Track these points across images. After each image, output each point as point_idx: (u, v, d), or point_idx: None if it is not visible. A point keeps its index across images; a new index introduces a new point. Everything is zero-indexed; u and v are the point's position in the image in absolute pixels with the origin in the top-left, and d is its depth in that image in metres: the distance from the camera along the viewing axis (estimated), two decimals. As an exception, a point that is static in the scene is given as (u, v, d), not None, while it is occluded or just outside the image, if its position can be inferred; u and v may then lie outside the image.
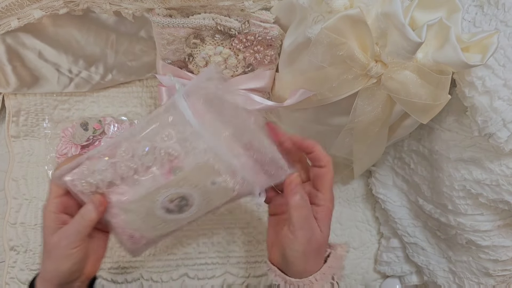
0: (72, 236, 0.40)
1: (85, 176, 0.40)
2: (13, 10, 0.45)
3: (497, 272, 0.48)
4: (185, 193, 0.41)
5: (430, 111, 0.38)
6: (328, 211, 0.40)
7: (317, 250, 0.39)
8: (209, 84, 0.38)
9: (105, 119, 0.58)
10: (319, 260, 0.40)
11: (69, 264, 0.40)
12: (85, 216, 0.40)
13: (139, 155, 0.40)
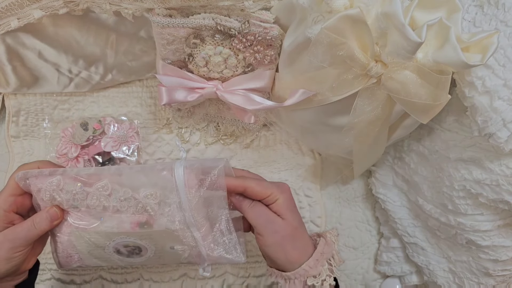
0: (18, 241, 0.39)
1: (53, 190, 0.40)
2: (13, 10, 0.45)
3: (497, 272, 0.48)
4: (141, 245, 0.43)
5: (430, 111, 0.38)
6: (282, 202, 0.42)
7: (290, 236, 0.41)
8: (213, 172, 0.40)
9: (105, 119, 0.58)
10: (300, 245, 0.42)
11: (8, 267, 0.39)
12: (37, 226, 0.39)
13: (115, 198, 0.40)
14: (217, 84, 0.50)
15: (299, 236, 0.42)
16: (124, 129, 0.58)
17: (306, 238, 0.43)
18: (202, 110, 0.57)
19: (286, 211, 0.42)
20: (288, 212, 0.42)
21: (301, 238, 0.42)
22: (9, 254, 0.39)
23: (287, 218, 0.42)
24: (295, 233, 0.42)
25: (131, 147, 0.58)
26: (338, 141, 0.48)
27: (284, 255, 0.41)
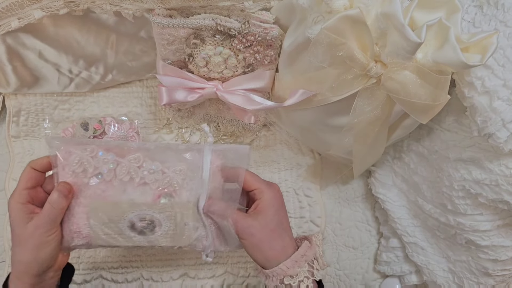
0: (47, 224, 0.41)
1: (84, 156, 0.42)
2: (14, 10, 0.45)
3: (497, 272, 0.48)
4: (157, 220, 0.44)
5: (429, 111, 0.38)
6: (266, 199, 0.44)
7: (267, 237, 0.43)
8: (234, 159, 0.44)
9: (105, 119, 0.58)
10: (278, 245, 0.43)
11: (47, 251, 0.42)
12: (55, 205, 0.41)
13: (145, 170, 0.43)
14: (217, 84, 0.50)
15: (276, 237, 0.43)
16: (125, 129, 0.58)
17: (285, 239, 0.44)
18: (202, 110, 0.58)
19: (268, 209, 0.43)
20: (270, 210, 0.44)
21: (279, 239, 0.44)
22: (43, 238, 0.42)
23: (265, 219, 0.43)
24: (272, 235, 0.43)
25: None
26: (338, 141, 0.48)
27: (261, 255, 0.44)
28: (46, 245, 0.42)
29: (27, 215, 0.42)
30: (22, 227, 0.42)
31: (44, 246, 0.42)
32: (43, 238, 0.42)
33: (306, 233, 0.60)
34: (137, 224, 0.44)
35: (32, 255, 0.41)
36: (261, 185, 0.44)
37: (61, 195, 0.42)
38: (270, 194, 0.44)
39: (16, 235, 0.42)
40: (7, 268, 0.57)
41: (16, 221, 0.42)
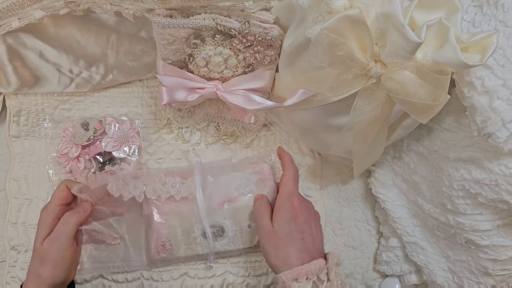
0: (62, 240, 0.44)
1: (156, 184, 0.53)
2: (14, 10, 0.45)
3: (496, 271, 0.48)
4: (224, 225, 0.53)
5: (429, 111, 0.38)
6: (278, 205, 0.46)
7: (273, 245, 0.44)
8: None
9: (106, 119, 0.58)
10: (282, 255, 0.44)
11: (64, 267, 0.44)
12: (67, 220, 0.44)
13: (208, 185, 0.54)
14: (217, 84, 0.50)
15: (282, 246, 0.44)
16: (125, 129, 0.58)
17: (291, 251, 0.44)
18: (202, 110, 0.58)
19: (279, 213, 0.46)
20: (281, 216, 0.45)
21: (284, 249, 0.44)
22: (59, 255, 0.44)
23: (276, 225, 0.45)
24: (278, 243, 0.44)
25: (132, 147, 0.58)
26: (338, 141, 0.48)
27: (267, 258, 0.45)
28: (62, 262, 0.44)
29: (50, 229, 0.44)
30: (40, 242, 0.44)
31: (60, 262, 0.43)
32: (58, 255, 0.43)
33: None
34: (207, 231, 0.52)
35: (48, 271, 0.43)
36: (285, 190, 0.47)
37: (76, 213, 0.46)
38: (283, 202, 0.46)
39: (36, 250, 0.44)
40: (7, 268, 0.57)
41: (40, 233, 0.44)
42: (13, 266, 0.57)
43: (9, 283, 0.57)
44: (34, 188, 0.59)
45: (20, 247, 0.57)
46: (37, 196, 0.59)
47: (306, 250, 0.44)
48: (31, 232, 0.58)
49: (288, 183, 0.48)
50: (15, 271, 0.57)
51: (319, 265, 0.43)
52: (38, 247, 0.44)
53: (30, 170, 0.59)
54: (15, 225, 0.58)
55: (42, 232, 0.45)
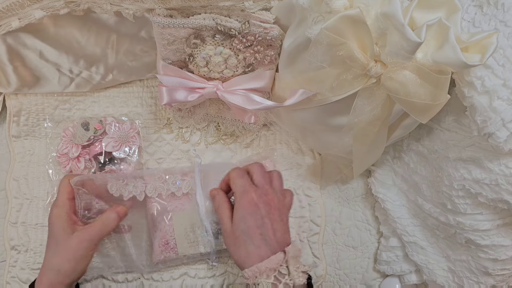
0: (93, 240, 0.44)
1: (159, 183, 0.53)
2: (14, 10, 0.45)
3: (496, 271, 0.48)
4: None
5: (429, 111, 0.38)
6: (235, 205, 0.46)
7: (232, 242, 0.45)
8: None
9: (106, 119, 0.58)
10: (242, 253, 0.44)
11: (85, 264, 0.44)
12: (108, 223, 0.45)
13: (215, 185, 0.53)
14: (218, 84, 0.50)
15: (241, 244, 0.44)
16: (125, 129, 0.58)
17: (249, 247, 0.43)
18: (202, 110, 0.58)
19: (236, 213, 0.45)
20: (236, 215, 0.45)
21: (243, 246, 0.44)
22: (86, 253, 0.44)
23: (233, 224, 0.45)
24: (236, 241, 0.44)
25: (132, 147, 0.58)
26: (338, 141, 0.48)
27: (232, 256, 0.45)
28: (85, 260, 0.44)
29: (71, 225, 0.43)
30: (66, 237, 0.43)
31: (83, 260, 0.43)
32: (85, 252, 0.43)
33: (306, 233, 0.60)
34: (212, 227, 0.53)
35: (71, 267, 0.43)
36: (236, 190, 0.46)
37: (118, 217, 0.46)
38: (239, 201, 0.45)
39: (57, 244, 0.43)
40: (7, 268, 0.57)
41: (59, 230, 0.43)
42: (13, 266, 0.57)
43: (9, 283, 0.57)
44: (34, 188, 0.59)
45: (20, 247, 0.57)
46: (37, 196, 0.59)
47: (266, 245, 0.43)
48: (31, 232, 0.58)
49: (235, 181, 0.47)
50: (15, 271, 0.57)
51: (277, 259, 0.42)
52: (63, 242, 0.43)
53: (30, 170, 0.59)
54: (15, 225, 0.58)
55: (62, 230, 0.43)
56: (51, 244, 0.43)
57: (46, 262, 0.44)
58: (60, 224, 0.43)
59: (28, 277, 0.57)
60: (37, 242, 0.58)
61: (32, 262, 0.57)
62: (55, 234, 0.43)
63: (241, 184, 0.46)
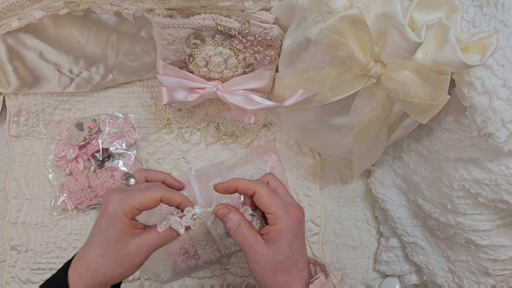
0: (153, 248, 0.39)
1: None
2: (14, 10, 0.45)
3: (496, 271, 0.48)
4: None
5: (429, 111, 0.38)
6: (278, 230, 0.38)
7: (271, 268, 0.38)
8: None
9: (100, 117, 0.58)
10: (282, 279, 0.38)
11: (134, 271, 0.39)
12: (172, 234, 0.39)
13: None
14: (217, 84, 0.50)
15: (283, 269, 0.39)
16: (120, 124, 0.58)
17: (293, 272, 0.39)
18: (202, 110, 0.58)
19: (280, 240, 0.38)
20: (282, 242, 0.38)
21: (285, 272, 0.39)
22: (142, 260, 0.39)
23: (275, 250, 0.38)
24: (278, 267, 0.38)
25: (128, 141, 0.58)
26: (338, 141, 0.48)
27: (262, 281, 0.39)
28: (136, 267, 0.39)
29: (131, 229, 0.38)
30: (123, 242, 0.38)
31: (137, 267, 0.39)
32: (142, 260, 0.39)
33: (306, 233, 0.60)
34: (222, 231, 0.51)
35: (121, 274, 0.38)
36: (277, 211, 0.38)
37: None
38: (285, 223, 0.38)
39: (110, 247, 0.37)
40: (7, 268, 0.57)
41: (118, 231, 0.37)
42: (13, 266, 0.57)
43: (9, 283, 0.57)
44: (34, 188, 0.59)
45: (20, 247, 0.57)
46: (37, 197, 0.59)
47: (306, 266, 0.41)
48: (31, 232, 0.58)
49: (272, 200, 0.39)
50: (15, 271, 0.57)
51: (322, 280, 0.40)
52: (122, 247, 0.37)
53: (30, 170, 0.59)
54: (15, 225, 0.58)
55: (119, 230, 0.37)
56: (102, 243, 0.37)
57: (91, 262, 0.37)
58: (121, 226, 0.37)
59: (28, 277, 0.57)
60: (37, 242, 0.58)
61: (32, 262, 0.57)
62: (111, 235, 0.37)
63: (281, 203, 0.39)
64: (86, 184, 0.57)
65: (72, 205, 0.57)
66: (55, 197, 0.58)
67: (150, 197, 0.38)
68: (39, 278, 0.57)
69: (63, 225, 0.58)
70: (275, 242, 0.38)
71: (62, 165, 0.57)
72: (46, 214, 0.58)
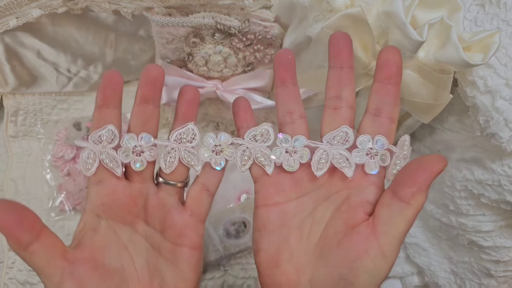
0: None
1: None
2: (12, 9, 0.45)
3: (499, 273, 0.48)
4: (245, 219, 0.50)
5: (431, 110, 0.38)
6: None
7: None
8: None
9: (97, 117, 0.58)
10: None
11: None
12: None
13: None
14: (217, 84, 0.50)
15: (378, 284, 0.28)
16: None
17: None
18: (201, 110, 0.57)
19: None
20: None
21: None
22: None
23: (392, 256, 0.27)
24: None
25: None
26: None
27: None
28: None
29: None
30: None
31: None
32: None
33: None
34: (230, 229, 0.51)
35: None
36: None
37: None
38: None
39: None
40: (5, 269, 0.57)
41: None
42: (11, 267, 0.57)
43: (7, 284, 0.57)
44: (31, 189, 0.58)
45: (18, 248, 0.57)
46: (35, 197, 0.58)
47: None
48: (28, 233, 0.57)
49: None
50: (13, 272, 0.57)
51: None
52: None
53: (28, 170, 0.59)
54: (13, 226, 0.57)
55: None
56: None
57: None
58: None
59: (26, 278, 0.57)
60: (34, 243, 0.57)
61: (29, 263, 0.57)
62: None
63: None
64: (84, 185, 0.56)
65: (70, 206, 0.57)
66: (53, 198, 0.57)
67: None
68: (36, 280, 0.57)
69: (60, 226, 0.58)
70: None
71: (60, 165, 0.57)
72: (44, 215, 0.58)
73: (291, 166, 0.30)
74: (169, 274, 0.29)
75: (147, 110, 0.31)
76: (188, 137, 0.30)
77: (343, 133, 0.29)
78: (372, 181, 0.29)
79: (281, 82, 0.32)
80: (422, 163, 0.26)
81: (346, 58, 0.31)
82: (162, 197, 0.30)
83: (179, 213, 0.30)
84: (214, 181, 0.31)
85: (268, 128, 0.30)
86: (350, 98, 0.30)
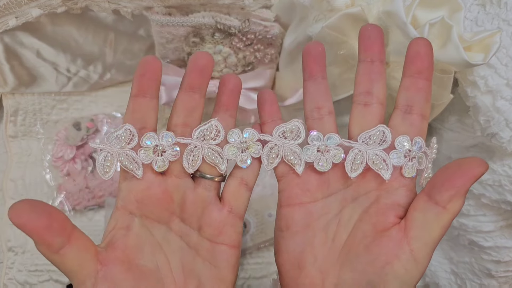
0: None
1: None
2: (11, 8, 0.45)
3: (500, 273, 0.48)
4: (245, 219, 0.49)
5: (432, 110, 0.38)
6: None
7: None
8: None
9: (98, 117, 0.58)
10: None
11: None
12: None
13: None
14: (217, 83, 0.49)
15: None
16: (118, 124, 0.58)
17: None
18: (201, 110, 0.57)
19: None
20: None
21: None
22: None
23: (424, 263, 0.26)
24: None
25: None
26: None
27: None
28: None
29: None
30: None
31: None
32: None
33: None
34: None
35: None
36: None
37: None
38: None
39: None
40: (5, 270, 0.57)
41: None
42: (10, 267, 0.57)
43: (6, 284, 0.56)
44: (31, 189, 0.58)
45: (17, 248, 0.57)
46: (34, 197, 0.58)
47: None
48: (28, 233, 0.57)
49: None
50: (12, 272, 0.57)
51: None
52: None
53: (28, 171, 0.58)
54: (13, 227, 0.57)
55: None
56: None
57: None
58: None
59: (26, 279, 0.57)
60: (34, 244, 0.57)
61: (29, 264, 0.57)
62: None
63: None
64: (84, 185, 0.56)
65: (69, 206, 0.57)
66: (53, 198, 0.57)
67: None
68: (36, 280, 0.56)
69: (60, 226, 0.58)
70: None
71: (60, 165, 0.57)
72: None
73: (323, 166, 0.28)
74: (207, 274, 0.27)
75: (193, 99, 0.30)
76: (211, 134, 0.28)
77: (380, 132, 0.27)
78: (403, 183, 0.27)
79: (310, 75, 0.30)
80: (461, 166, 0.25)
81: (377, 52, 0.29)
82: (200, 193, 0.28)
83: (218, 210, 0.28)
84: (252, 175, 0.29)
85: (298, 125, 0.29)
86: (381, 94, 0.29)
